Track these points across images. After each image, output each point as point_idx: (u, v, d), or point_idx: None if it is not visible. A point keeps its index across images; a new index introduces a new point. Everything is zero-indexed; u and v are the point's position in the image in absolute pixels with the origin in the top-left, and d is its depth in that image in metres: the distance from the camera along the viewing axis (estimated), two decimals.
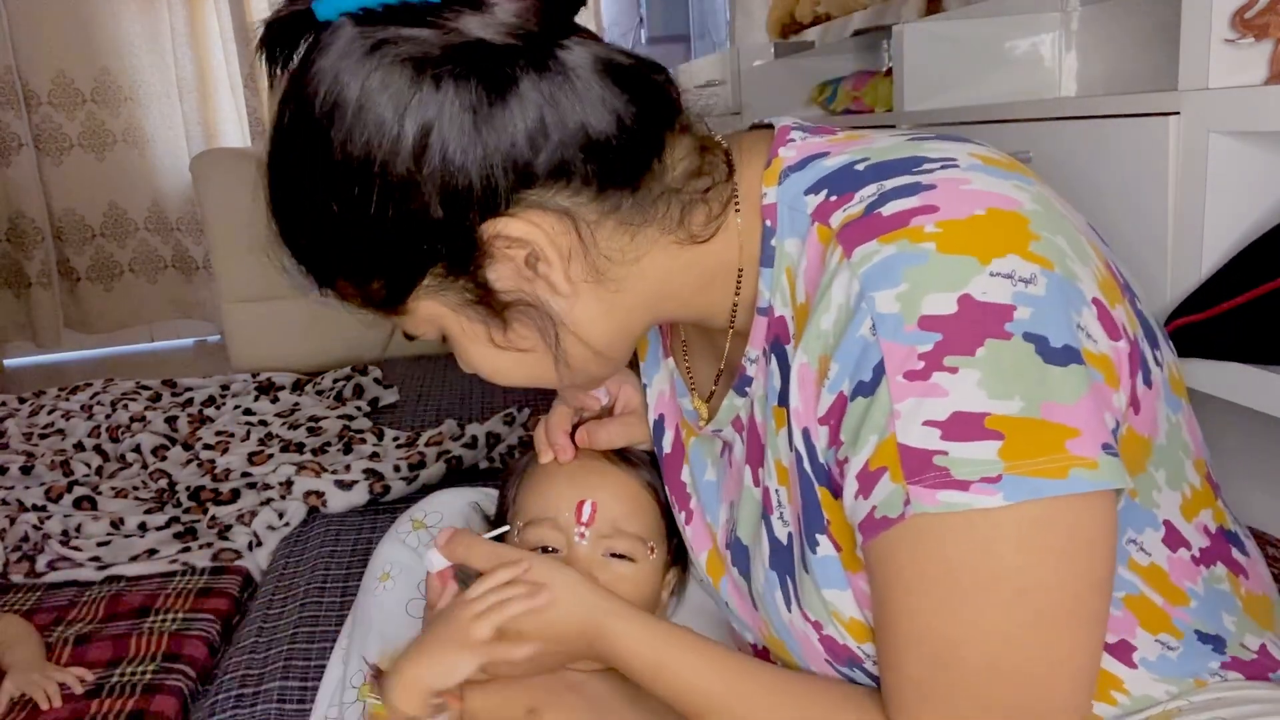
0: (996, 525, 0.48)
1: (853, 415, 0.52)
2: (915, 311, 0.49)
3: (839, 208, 0.56)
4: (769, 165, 0.61)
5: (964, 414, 0.48)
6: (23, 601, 1.40)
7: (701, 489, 0.74)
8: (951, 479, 0.48)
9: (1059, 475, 0.47)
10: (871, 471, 0.51)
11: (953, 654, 0.51)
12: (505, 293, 0.58)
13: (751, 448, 0.66)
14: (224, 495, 1.73)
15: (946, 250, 0.50)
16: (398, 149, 0.53)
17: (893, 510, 0.50)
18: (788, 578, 0.62)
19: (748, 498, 0.67)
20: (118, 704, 1.11)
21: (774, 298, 0.60)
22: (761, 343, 0.62)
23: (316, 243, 0.59)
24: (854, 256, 0.52)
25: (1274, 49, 0.90)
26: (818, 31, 2.31)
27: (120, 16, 3.36)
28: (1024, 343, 0.48)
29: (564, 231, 0.56)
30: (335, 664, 0.92)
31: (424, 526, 0.91)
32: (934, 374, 0.48)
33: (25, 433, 2.19)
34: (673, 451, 0.77)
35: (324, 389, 2.43)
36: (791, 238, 0.59)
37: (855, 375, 0.51)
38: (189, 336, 3.67)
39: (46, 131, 3.36)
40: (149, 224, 3.52)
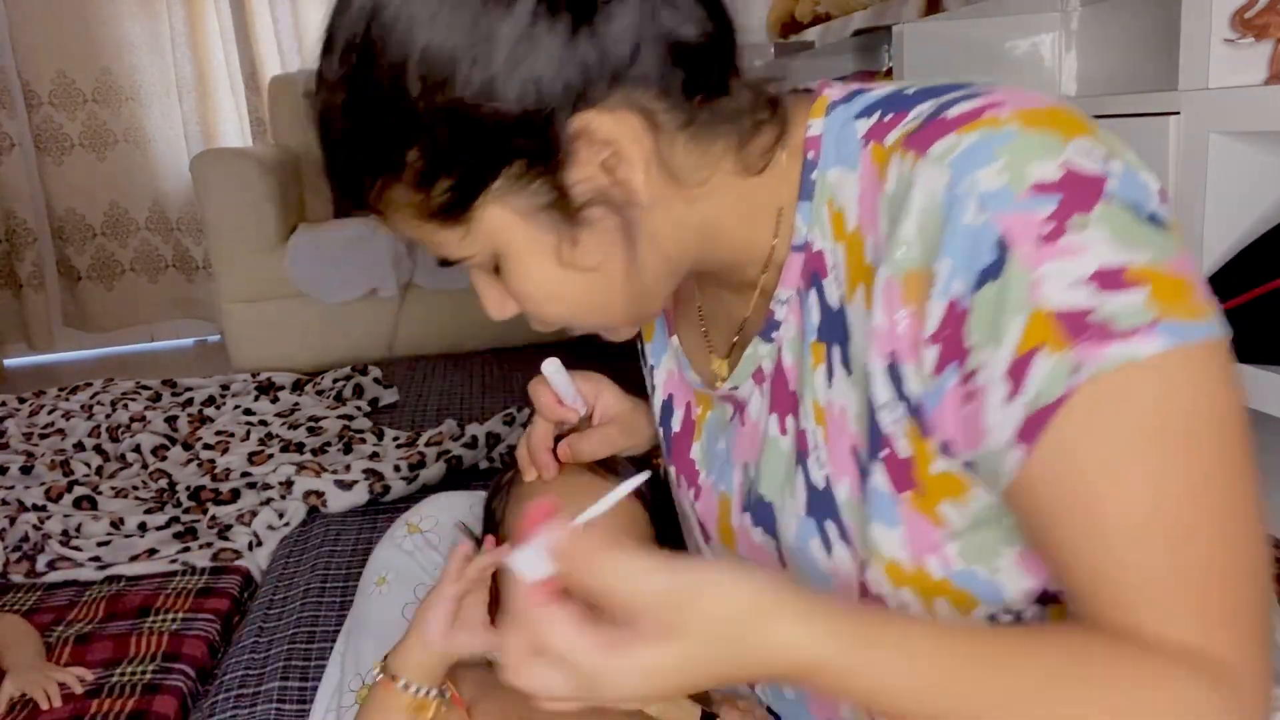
0: (1172, 369, 0.47)
1: (982, 308, 0.48)
2: (1024, 180, 0.48)
3: (894, 126, 0.55)
4: (814, 103, 0.60)
5: (1106, 269, 0.47)
6: (23, 601, 1.40)
7: (712, 459, 0.72)
8: (1114, 330, 0.46)
9: (1203, 317, 0.48)
10: (1023, 357, 0.47)
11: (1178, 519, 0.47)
12: (583, 196, 0.55)
13: (777, 395, 0.63)
14: (224, 495, 1.73)
15: (1031, 125, 0.50)
16: (490, 36, 0.51)
17: (1056, 388, 0.47)
18: (828, 520, 0.60)
19: (772, 450, 0.64)
20: (118, 704, 1.11)
21: (812, 232, 0.59)
22: (795, 281, 0.60)
23: (378, 142, 0.55)
24: (932, 153, 0.51)
25: (1274, 49, 0.90)
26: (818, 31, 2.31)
27: (121, 17, 3.36)
28: (1125, 207, 0.48)
29: (646, 134, 0.54)
30: (333, 667, 0.92)
31: (419, 530, 0.92)
32: (1064, 235, 0.47)
33: (25, 433, 2.19)
34: (682, 430, 0.76)
35: (324, 389, 2.43)
36: (836, 167, 0.58)
37: (972, 265, 0.49)
38: (189, 336, 3.67)
39: (47, 131, 3.36)
40: (150, 224, 3.52)
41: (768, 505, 0.65)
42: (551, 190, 0.54)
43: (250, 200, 2.74)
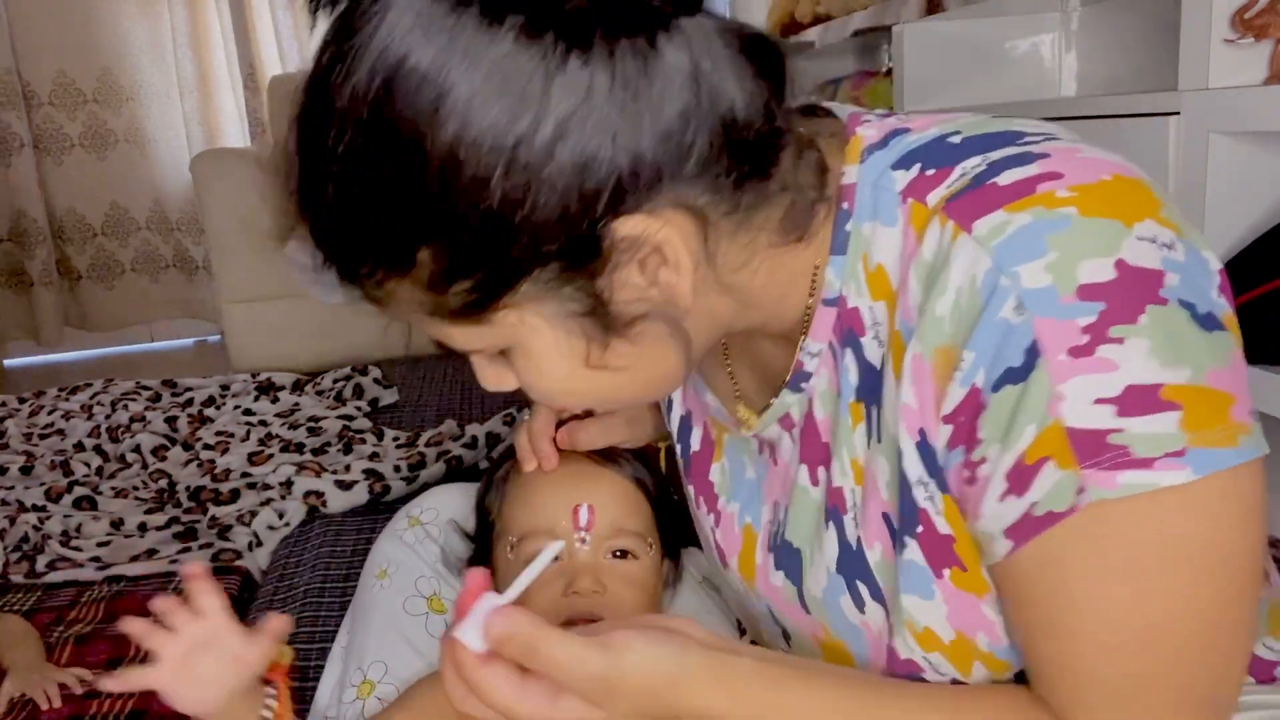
0: (1185, 501, 0.45)
1: (999, 408, 0.46)
2: (1072, 281, 0.45)
3: (938, 183, 0.50)
4: (847, 144, 0.55)
5: (1138, 387, 0.44)
6: (23, 601, 1.40)
7: (740, 488, 0.69)
8: (1133, 458, 0.44)
9: (1232, 443, 0.45)
10: (1029, 465, 0.46)
11: (1145, 643, 0.47)
12: (625, 305, 0.50)
13: (809, 445, 0.60)
14: (224, 495, 1.73)
15: (1089, 214, 0.46)
16: (533, 133, 0.44)
17: (1060, 503, 0.46)
18: (859, 580, 0.58)
19: (801, 499, 0.61)
20: (118, 704, 1.11)
21: (845, 287, 0.55)
22: (827, 335, 0.57)
23: (385, 235, 0.48)
24: (976, 230, 0.47)
25: (1274, 49, 0.90)
26: (818, 31, 2.31)
27: (121, 17, 3.36)
28: (1180, 309, 0.45)
29: (695, 234, 0.49)
30: (334, 662, 0.92)
31: (420, 523, 0.91)
32: (1100, 347, 0.44)
33: (25, 433, 2.19)
34: (701, 449, 0.73)
35: (324, 389, 2.43)
36: (872, 221, 0.53)
37: (998, 363, 0.46)
38: (189, 336, 3.67)
39: (48, 131, 3.36)
40: (150, 223, 3.52)
41: (795, 551, 0.63)
42: (587, 297, 0.49)
43: (250, 200, 2.73)
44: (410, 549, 0.89)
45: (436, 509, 0.92)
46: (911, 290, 0.51)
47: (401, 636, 0.84)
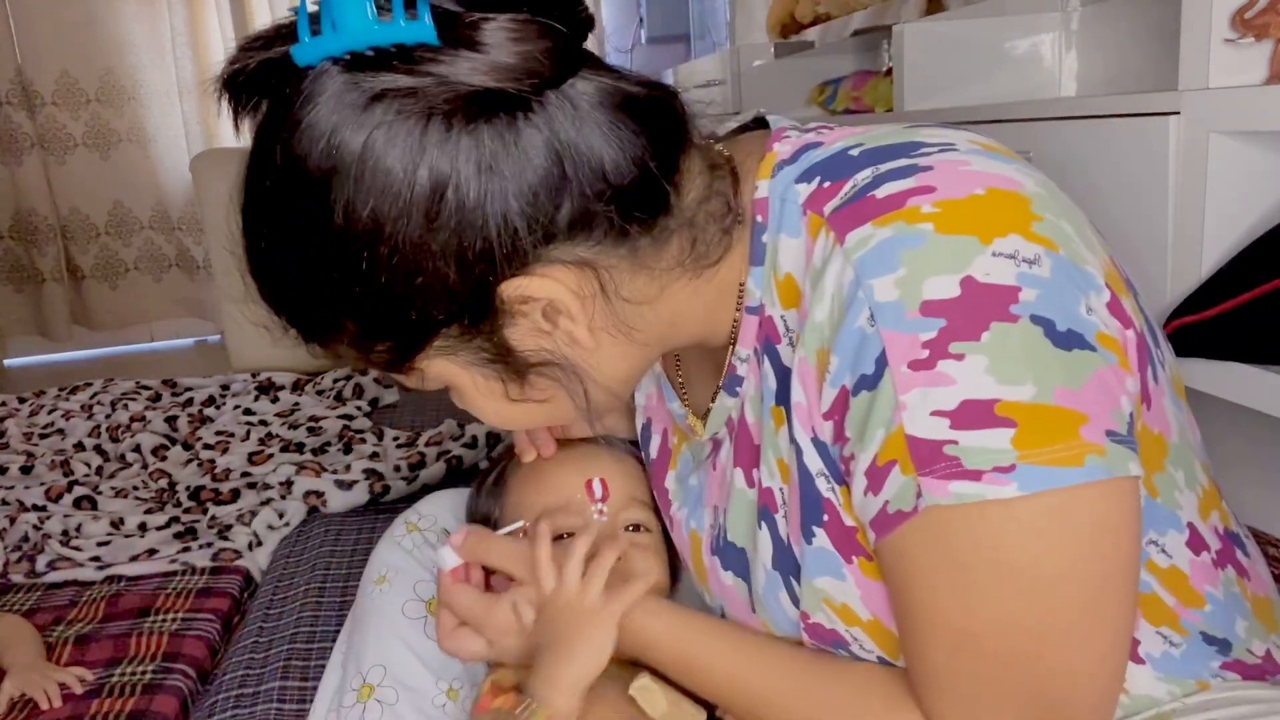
0: (1012, 516, 0.47)
1: (856, 411, 0.50)
2: (916, 297, 0.47)
3: (832, 195, 0.53)
4: (762, 160, 0.59)
5: (973, 402, 0.46)
6: (23, 601, 1.40)
7: (686, 495, 0.73)
8: (963, 469, 0.46)
9: (1074, 463, 0.46)
10: (880, 467, 0.49)
11: (971, 644, 0.50)
12: (524, 351, 0.55)
13: (742, 448, 0.64)
14: (224, 495, 1.73)
15: (945, 230, 0.48)
16: (409, 211, 0.49)
17: (905, 504, 0.49)
18: (791, 578, 0.61)
19: (739, 500, 0.65)
20: (118, 704, 1.11)
21: (764, 296, 0.58)
22: (752, 342, 0.60)
23: (312, 309, 0.55)
24: (847, 242, 0.50)
25: (1274, 49, 0.90)
26: (818, 31, 2.31)
27: (122, 17, 3.36)
28: (1031, 325, 0.46)
29: (585, 283, 0.53)
30: (334, 668, 0.92)
31: (418, 529, 0.91)
32: (939, 362, 0.46)
33: (25, 433, 2.19)
34: (659, 456, 0.77)
35: (324, 389, 2.43)
36: (782, 233, 0.56)
37: (856, 368, 0.50)
38: (189, 336, 3.67)
39: (51, 131, 3.36)
40: (153, 223, 3.53)
41: (740, 551, 0.66)
42: (494, 348, 0.55)
43: None
44: (408, 554, 0.89)
45: (434, 515, 0.92)
46: (805, 297, 0.54)
47: (400, 639, 0.85)
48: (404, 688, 0.82)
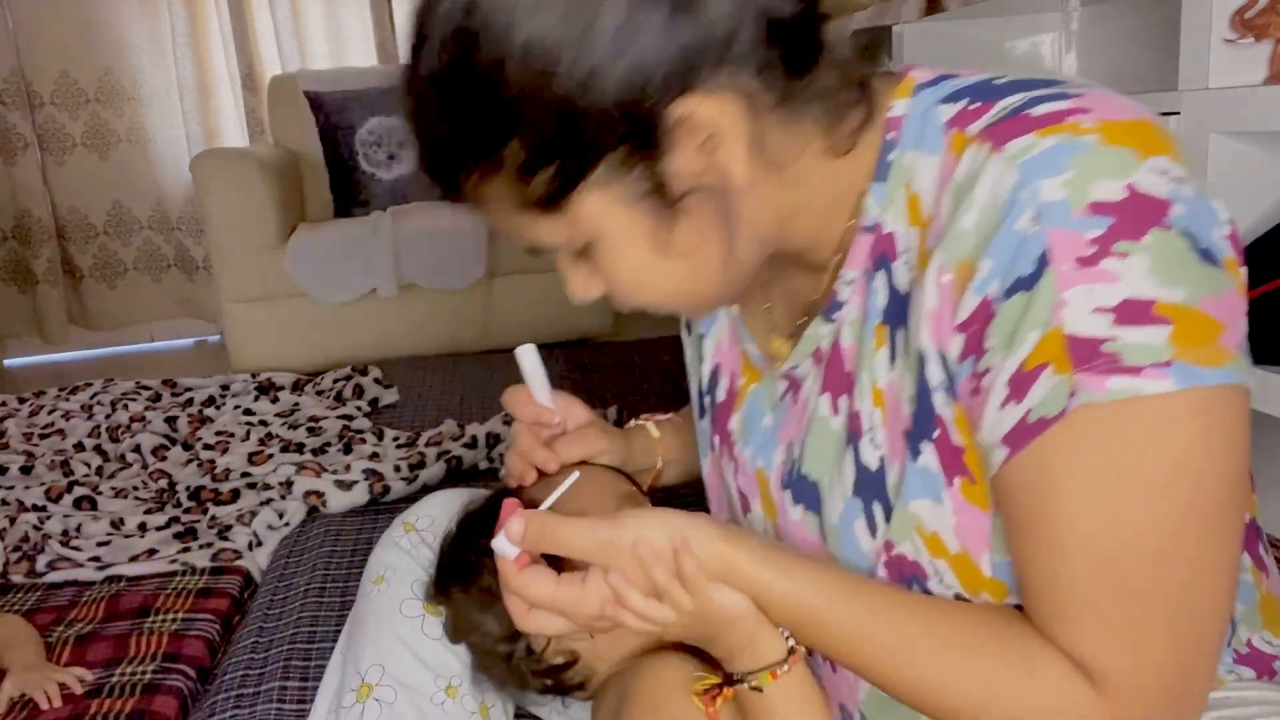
0: (1167, 411, 0.48)
1: (1007, 315, 0.50)
2: (1084, 198, 0.48)
3: (980, 115, 0.54)
4: (900, 83, 0.60)
5: (1134, 300, 0.47)
6: (23, 601, 1.40)
7: (754, 434, 0.72)
8: (1121, 365, 0.47)
9: (1220, 364, 0.48)
10: (1028, 371, 0.49)
11: (1115, 558, 0.49)
12: (683, 183, 0.55)
13: (832, 375, 0.64)
14: (224, 495, 1.73)
15: (1108, 142, 0.50)
16: (593, 30, 0.51)
17: (1053, 407, 0.49)
18: (875, 503, 0.60)
19: (820, 430, 0.64)
20: (118, 704, 1.11)
21: (884, 214, 0.59)
22: (862, 262, 0.61)
23: (479, 136, 0.55)
24: (1007, 150, 0.51)
25: (1274, 49, 0.90)
26: None
27: (122, 17, 3.36)
28: (1180, 238, 0.48)
29: (745, 116, 0.54)
30: (334, 668, 0.92)
31: (415, 529, 0.92)
32: (1104, 260, 0.48)
33: (25, 433, 2.19)
34: (726, 399, 0.76)
35: (324, 389, 2.43)
36: (916, 150, 0.57)
37: (1011, 271, 0.50)
38: (189, 336, 3.67)
39: (50, 131, 3.36)
40: (152, 223, 3.53)
41: (812, 484, 0.65)
42: (652, 177, 0.55)
43: (250, 200, 2.74)
44: (406, 554, 0.89)
45: (432, 515, 0.93)
46: (944, 210, 0.54)
47: (398, 638, 0.85)
48: (402, 686, 0.82)
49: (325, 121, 3.10)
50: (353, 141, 3.09)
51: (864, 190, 0.60)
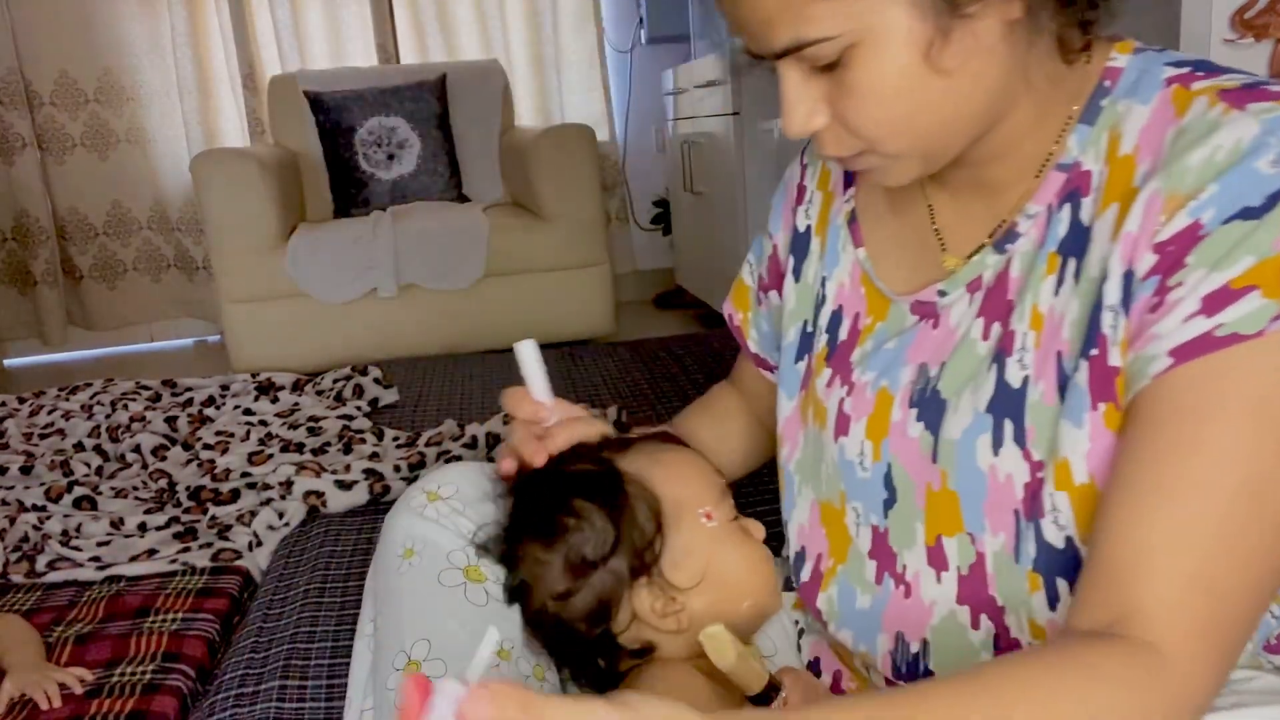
0: None
1: (1222, 239, 0.53)
2: None
3: (1207, 78, 0.58)
4: (1119, 43, 0.65)
5: None
6: (23, 601, 1.40)
7: (877, 359, 0.74)
8: None
9: None
10: (1234, 289, 0.52)
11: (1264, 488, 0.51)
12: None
13: (991, 302, 0.66)
14: (224, 495, 1.73)
15: None
16: None
17: (1250, 326, 0.51)
18: (1007, 419, 0.62)
19: (965, 352, 0.67)
20: (118, 704, 1.11)
21: (1084, 154, 0.62)
22: (1049, 197, 0.64)
23: None
24: (1250, 109, 0.55)
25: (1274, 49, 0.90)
26: None
27: (122, 17, 3.36)
28: None
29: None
30: (362, 652, 0.87)
31: (440, 498, 0.84)
32: None
33: (25, 433, 2.19)
34: (849, 337, 0.78)
35: (324, 389, 2.43)
36: (1129, 99, 0.61)
37: (1236, 200, 0.53)
38: (189, 336, 3.67)
39: (49, 131, 3.36)
40: (152, 223, 3.53)
41: (942, 402, 0.67)
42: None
43: (250, 200, 2.74)
44: (435, 524, 0.83)
45: (455, 484, 0.86)
46: (1162, 150, 0.58)
47: (441, 609, 0.78)
48: (452, 657, 0.76)
49: (325, 121, 3.10)
50: (353, 141, 3.09)
51: (1066, 127, 0.63)
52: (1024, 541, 0.61)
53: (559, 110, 3.66)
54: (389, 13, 3.50)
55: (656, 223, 3.87)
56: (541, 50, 3.62)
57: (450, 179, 3.19)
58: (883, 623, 0.70)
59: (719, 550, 0.75)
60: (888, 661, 0.70)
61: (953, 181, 0.71)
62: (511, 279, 2.92)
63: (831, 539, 0.76)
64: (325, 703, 1.08)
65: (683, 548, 0.75)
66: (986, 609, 0.64)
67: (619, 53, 3.77)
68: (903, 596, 0.69)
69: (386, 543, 0.84)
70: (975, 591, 0.65)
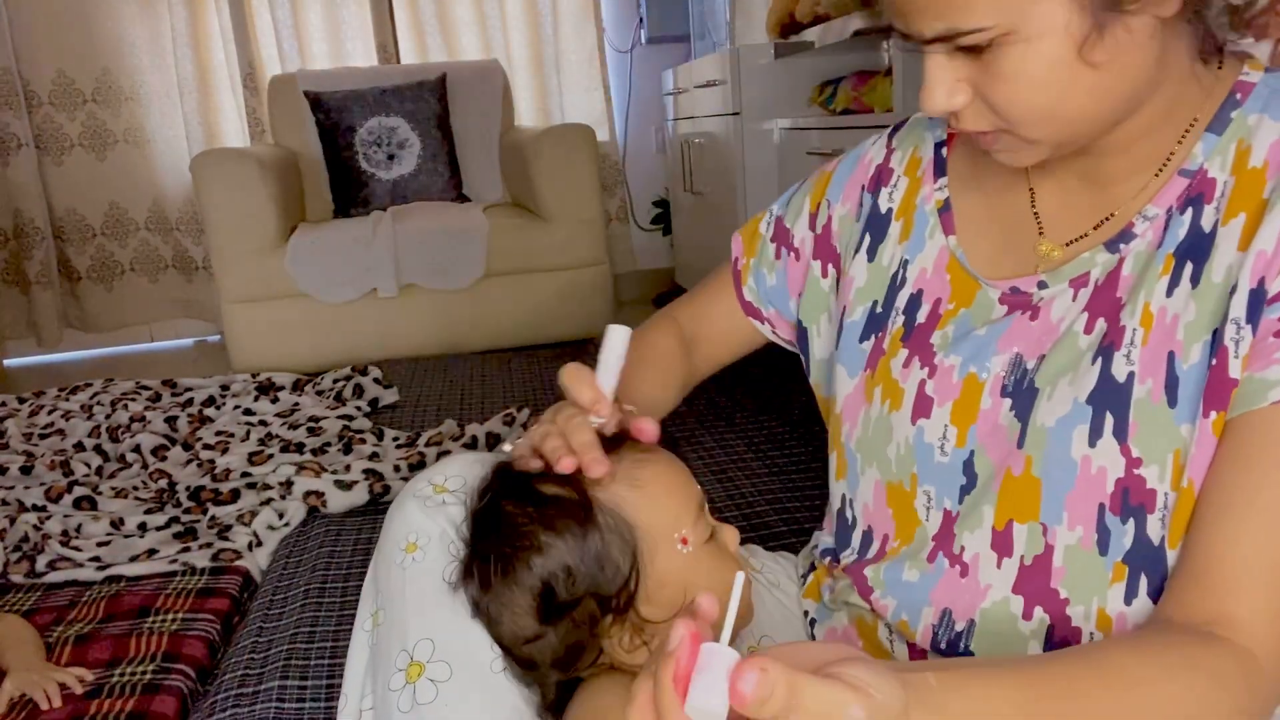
0: None
1: None
2: None
3: None
4: (1249, 60, 0.65)
5: None
6: (23, 601, 1.40)
7: (964, 344, 0.73)
8: None
9: None
10: None
11: None
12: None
13: (1101, 300, 0.66)
14: (224, 495, 1.73)
15: None
16: None
17: None
18: (1109, 412, 0.62)
19: (1068, 344, 0.66)
20: (118, 704, 1.11)
21: (1210, 161, 0.63)
22: (1170, 200, 0.64)
23: None
24: None
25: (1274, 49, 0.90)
26: (818, 31, 2.31)
27: (121, 16, 3.36)
28: None
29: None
30: (359, 650, 0.84)
31: (447, 490, 0.80)
32: None
33: (25, 433, 2.19)
34: (926, 322, 0.77)
35: (324, 389, 2.43)
36: (1260, 113, 0.62)
37: None
38: (189, 336, 3.67)
39: (47, 131, 3.36)
40: (150, 224, 3.52)
41: (1035, 391, 0.67)
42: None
43: (250, 200, 2.74)
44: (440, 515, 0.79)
45: (462, 476, 0.81)
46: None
47: (446, 609, 0.75)
48: (457, 659, 0.73)
49: (325, 121, 3.10)
50: (353, 141, 3.09)
51: (1188, 132, 0.64)
52: (1113, 535, 0.62)
53: (559, 110, 3.66)
54: (389, 13, 3.50)
55: (656, 223, 3.87)
56: (541, 50, 3.62)
57: (450, 179, 3.19)
58: (931, 597, 0.71)
59: (694, 576, 0.70)
60: (928, 635, 0.71)
61: (1061, 170, 0.71)
62: (511, 279, 2.92)
63: (899, 520, 0.76)
64: (325, 703, 1.08)
65: (657, 580, 0.70)
66: (1044, 601, 0.65)
67: (619, 53, 3.77)
68: (958, 575, 0.69)
69: (389, 534, 0.81)
70: (1035, 583, 0.66)
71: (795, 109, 2.61)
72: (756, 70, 2.61)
